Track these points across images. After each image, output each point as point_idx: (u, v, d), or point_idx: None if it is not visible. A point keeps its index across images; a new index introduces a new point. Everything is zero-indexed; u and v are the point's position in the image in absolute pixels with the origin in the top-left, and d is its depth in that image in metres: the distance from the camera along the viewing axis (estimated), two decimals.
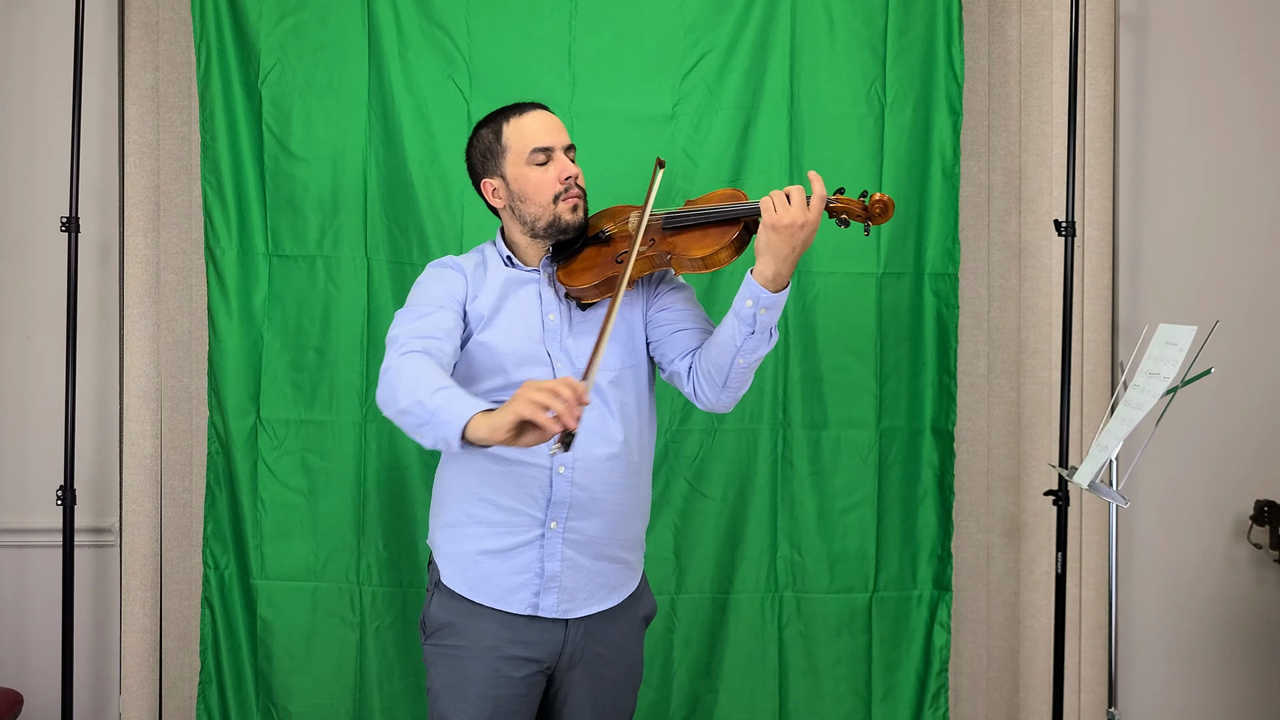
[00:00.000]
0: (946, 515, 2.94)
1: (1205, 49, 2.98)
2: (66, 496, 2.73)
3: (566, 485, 2.01)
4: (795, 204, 1.91)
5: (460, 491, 2.06)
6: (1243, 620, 3.00)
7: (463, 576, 2.04)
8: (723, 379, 2.02)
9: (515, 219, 2.10)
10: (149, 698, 2.84)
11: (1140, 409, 2.16)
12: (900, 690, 2.94)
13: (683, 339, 2.11)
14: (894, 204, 2.00)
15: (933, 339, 2.92)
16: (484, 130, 2.12)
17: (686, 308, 2.15)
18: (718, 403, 2.07)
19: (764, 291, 1.93)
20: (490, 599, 2.02)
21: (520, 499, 2.01)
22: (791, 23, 2.86)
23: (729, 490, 2.91)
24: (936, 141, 2.90)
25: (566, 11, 2.84)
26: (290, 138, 2.82)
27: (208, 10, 2.80)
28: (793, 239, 1.90)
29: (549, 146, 2.07)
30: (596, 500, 2.03)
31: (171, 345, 2.88)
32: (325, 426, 2.85)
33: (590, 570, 2.05)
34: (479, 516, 2.03)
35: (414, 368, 1.87)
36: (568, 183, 2.07)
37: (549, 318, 2.07)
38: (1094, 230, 2.89)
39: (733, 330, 1.97)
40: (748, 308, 1.94)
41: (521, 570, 2.02)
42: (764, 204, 1.94)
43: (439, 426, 1.76)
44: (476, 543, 2.03)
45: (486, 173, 2.10)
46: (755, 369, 2.04)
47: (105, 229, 2.91)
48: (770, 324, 1.96)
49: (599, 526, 2.05)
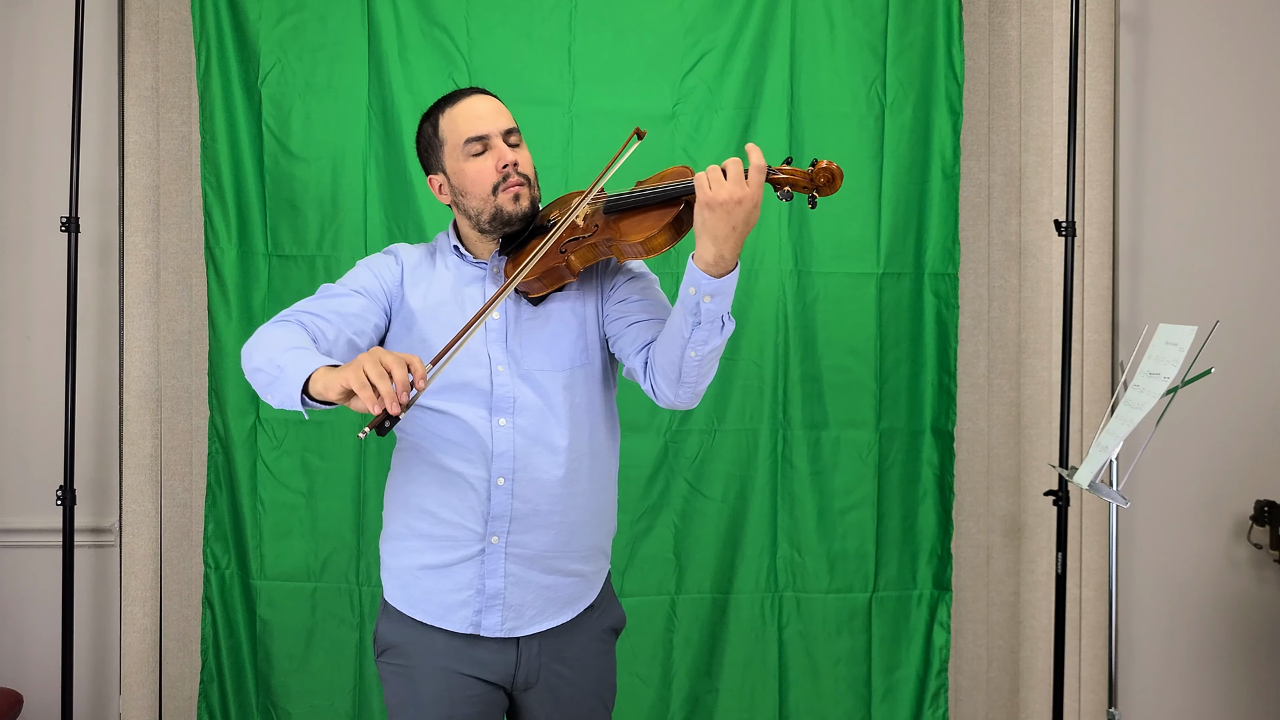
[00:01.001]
0: (946, 515, 2.94)
1: (1205, 49, 2.98)
2: (66, 496, 2.73)
3: (506, 497, 1.88)
4: (732, 178, 1.73)
5: (402, 502, 1.95)
6: (1243, 620, 3.00)
7: (404, 593, 1.94)
8: (676, 373, 1.83)
9: (461, 214, 1.97)
10: (149, 698, 2.84)
11: (1140, 409, 2.16)
12: (900, 690, 2.94)
13: (637, 332, 1.93)
14: (842, 173, 1.81)
15: (933, 339, 2.92)
16: (425, 124, 2.00)
17: (643, 298, 1.97)
18: (676, 399, 1.88)
19: (704, 276, 1.75)
20: (432, 617, 1.91)
21: (459, 511, 1.89)
22: (791, 23, 2.86)
23: (729, 490, 2.91)
24: (936, 141, 2.90)
25: (566, 11, 2.84)
26: (290, 138, 2.82)
27: (207, 10, 2.80)
28: (730, 216, 1.72)
29: (484, 134, 1.91)
30: (540, 513, 1.90)
31: (171, 345, 2.88)
32: (325, 427, 2.85)
33: (539, 585, 1.92)
34: (419, 529, 1.92)
35: (278, 332, 1.77)
36: (505, 171, 1.90)
37: (493, 316, 1.93)
38: (1094, 230, 2.89)
39: (679, 320, 1.79)
40: (690, 295, 1.76)
41: (462, 587, 1.90)
42: (698, 180, 1.75)
43: (284, 383, 1.68)
44: (417, 557, 1.92)
45: (430, 169, 1.99)
46: (714, 361, 1.85)
47: (105, 229, 2.91)
48: (719, 311, 1.77)
49: (546, 540, 1.91)
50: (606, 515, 2.02)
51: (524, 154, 1.95)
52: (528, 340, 1.93)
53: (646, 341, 1.92)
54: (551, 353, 1.92)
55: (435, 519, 1.91)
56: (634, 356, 1.92)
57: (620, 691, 2.87)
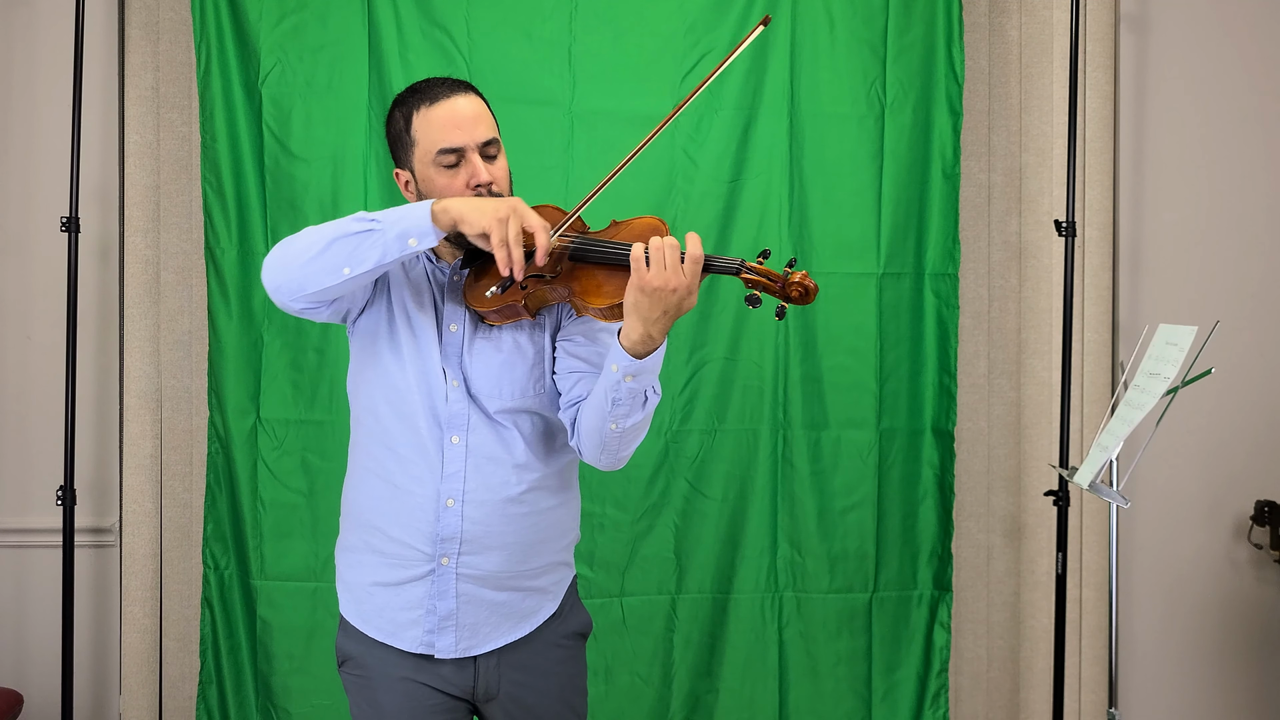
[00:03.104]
0: (946, 515, 2.94)
1: (1205, 49, 2.98)
2: (67, 496, 2.73)
3: (455, 519, 1.78)
4: (669, 264, 1.60)
5: (356, 516, 1.87)
6: (1243, 620, 3.00)
7: (357, 608, 1.87)
8: (598, 441, 1.74)
9: None
10: (149, 698, 2.84)
11: (1140, 409, 2.16)
12: (900, 690, 2.94)
13: (573, 384, 1.81)
14: (816, 290, 1.66)
15: (933, 339, 2.92)
16: (397, 112, 1.82)
17: (590, 343, 1.82)
18: (598, 464, 1.79)
19: (627, 357, 1.64)
20: (384, 634, 1.83)
21: (407, 531, 1.80)
22: (791, 23, 2.86)
23: (729, 490, 2.90)
24: (936, 141, 2.90)
25: (566, 11, 2.84)
26: (290, 138, 2.82)
27: (208, 10, 2.80)
28: (663, 302, 1.61)
29: (458, 147, 1.75)
30: (492, 534, 1.79)
31: (172, 345, 2.88)
32: (325, 426, 2.84)
33: (493, 603, 1.82)
34: (372, 544, 1.84)
35: (318, 226, 1.69)
36: (478, 191, 1.75)
37: (450, 328, 1.81)
38: (1094, 230, 2.89)
39: (600, 395, 1.70)
40: (612, 372, 1.66)
41: (412, 606, 1.81)
42: (634, 256, 1.62)
43: (390, 226, 1.61)
44: (370, 572, 1.84)
45: (398, 162, 1.83)
46: (639, 433, 1.75)
47: (105, 229, 2.91)
48: (641, 389, 1.67)
49: (498, 560, 1.81)
50: (568, 527, 1.92)
51: (501, 167, 1.80)
52: (478, 363, 1.81)
53: (580, 397, 1.80)
54: (501, 383, 1.80)
55: (385, 536, 1.82)
56: (566, 410, 1.81)
57: (620, 691, 2.88)
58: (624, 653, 2.89)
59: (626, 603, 2.88)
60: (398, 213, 1.63)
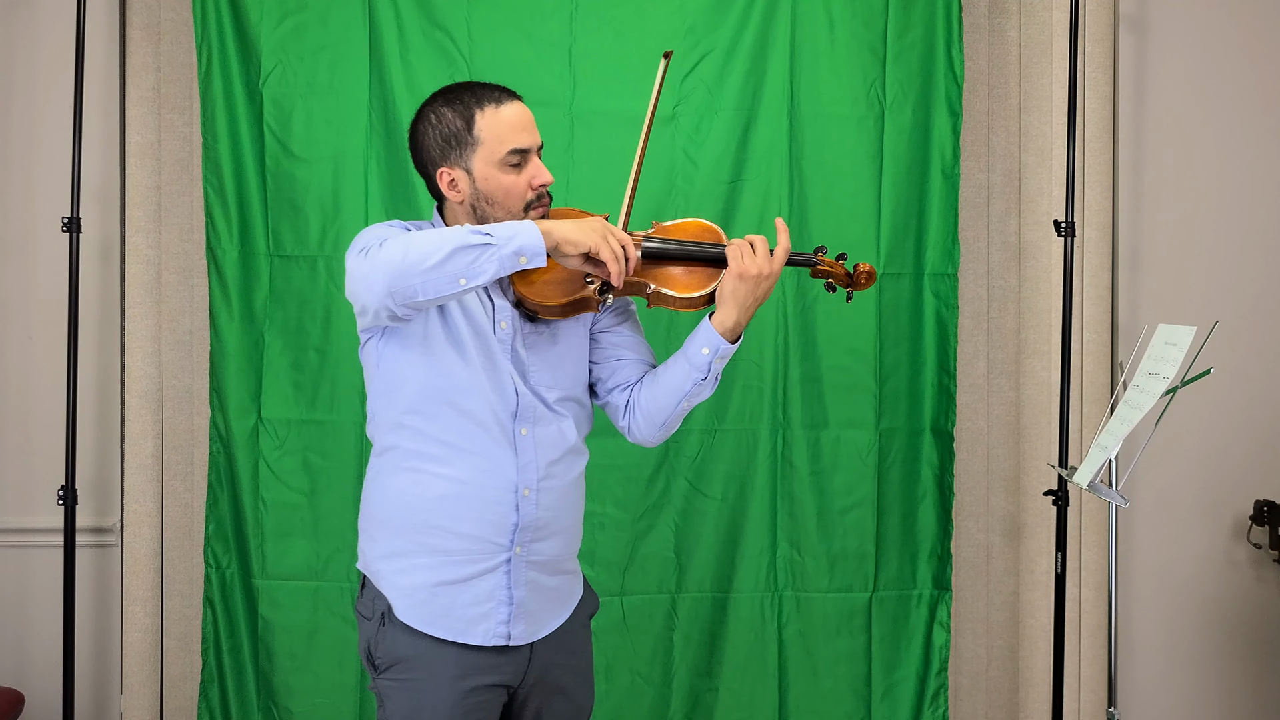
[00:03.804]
0: (946, 515, 2.94)
1: (1205, 49, 2.98)
2: (68, 496, 2.74)
3: (532, 508, 1.89)
4: (760, 254, 1.87)
5: (406, 519, 1.90)
6: (1242, 620, 3.00)
7: (419, 611, 1.88)
8: (662, 419, 1.95)
9: (473, 217, 1.91)
10: (150, 697, 2.85)
11: (1140, 409, 2.16)
12: (900, 690, 2.94)
13: (626, 370, 2.01)
14: (875, 275, 2.02)
15: (932, 339, 2.92)
16: (447, 111, 1.90)
17: (633, 336, 2.04)
18: (651, 440, 2.00)
19: (722, 341, 1.87)
20: (452, 633, 1.87)
21: (479, 525, 1.87)
22: (791, 24, 2.87)
23: (729, 490, 2.91)
24: (936, 142, 2.90)
25: (566, 12, 2.85)
26: (291, 138, 2.83)
27: (209, 11, 2.80)
28: (756, 289, 1.87)
29: (526, 149, 1.88)
30: (558, 519, 1.94)
31: (173, 345, 2.88)
32: (326, 426, 2.85)
33: (549, 587, 1.95)
34: (432, 545, 1.88)
35: (420, 234, 1.74)
36: (540, 191, 1.90)
37: (500, 325, 1.90)
38: (1094, 230, 2.89)
39: (682, 375, 1.91)
40: (703, 355, 1.88)
41: (484, 599, 1.88)
42: (731, 251, 1.88)
43: (505, 243, 1.71)
44: (432, 574, 1.88)
45: (447, 160, 1.89)
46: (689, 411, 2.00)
47: (107, 229, 2.91)
48: (721, 369, 1.92)
49: (557, 546, 1.95)
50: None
51: (552, 176, 1.96)
52: (534, 356, 1.93)
53: (632, 381, 2.00)
54: (558, 373, 1.95)
55: (451, 533, 1.88)
56: (618, 392, 2.00)
57: (620, 690, 2.89)
58: (624, 651, 2.89)
59: (627, 601, 2.89)
60: (508, 229, 1.74)
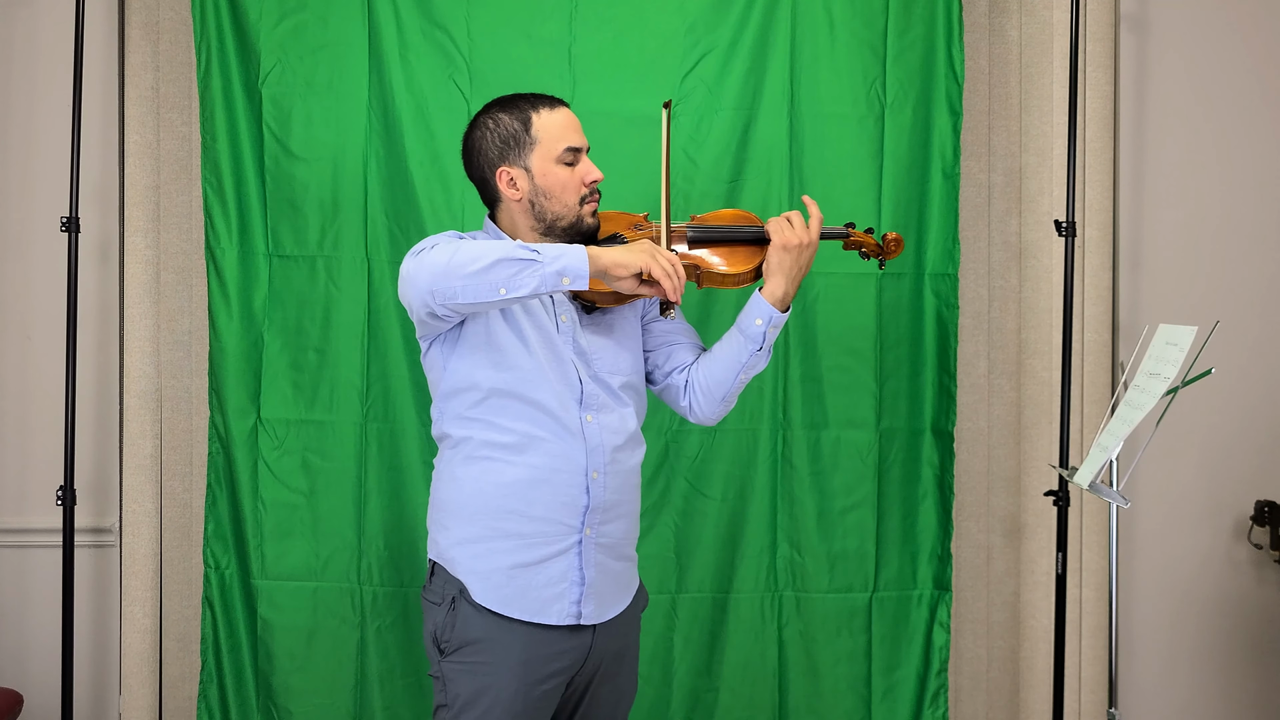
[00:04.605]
0: (946, 515, 2.94)
1: (1205, 49, 2.98)
2: (67, 496, 2.73)
3: (600, 490, 2.03)
4: (798, 226, 2.08)
5: (480, 506, 2.02)
6: (1243, 620, 3.00)
7: (497, 593, 2.00)
8: (722, 393, 2.13)
9: (531, 214, 2.07)
10: (149, 698, 2.84)
11: (1140, 409, 2.16)
12: (900, 690, 2.94)
13: (680, 353, 2.19)
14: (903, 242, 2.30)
15: (933, 339, 2.92)
16: (505, 116, 2.08)
17: (682, 322, 2.24)
18: (712, 416, 2.18)
19: (774, 310, 2.07)
20: (528, 613, 2.00)
21: (552, 508, 2.00)
22: (791, 23, 2.86)
23: (729, 490, 2.90)
24: (936, 142, 2.90)
25: (566, 11, 2.84)
26: (290, 138, 2.82)
27: (208, 10, 2.80)
28: (799, 258, 2.07)
29: (580, 147, 2.08)
30: (622, 502, 2.08)
31: (172, 345, 2.88)
32: (326, 426, 2.85)
33: (614, 572, 2.09)
34: (507, 530, 2.00)
35: (473, 241, 1.90)
36: (592, 186, 2.08)
37: (562, 319, 2.07)
38: (1094, 230, 2.89)
39: (738, 348, 2.09)
40: (757, 326, 2.07)
41: (558, 580, 2.01)
42: (771, 227, 2.08)
43: (551, 262, 1.83)
44: (508, 557, 2.00)
45: (506, 160, 2.07)
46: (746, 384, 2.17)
47: (105, 229, 2.91)
48: (773, 341, 2.10)
49: (622, 529, 2.10)
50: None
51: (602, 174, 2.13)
52: (595, 345, 2.08)
53: (688, 363, 2.18)
54: (619, 360, 2.10)
55: (525, 517, 2.00)
56: (676, 374, 2.18)
57: None
58: None
59: None
60: (556, 249, 1.86)
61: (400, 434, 2.84)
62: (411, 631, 2.86)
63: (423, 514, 2.84)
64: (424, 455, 2.83)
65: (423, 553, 2.84)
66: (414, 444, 2.83)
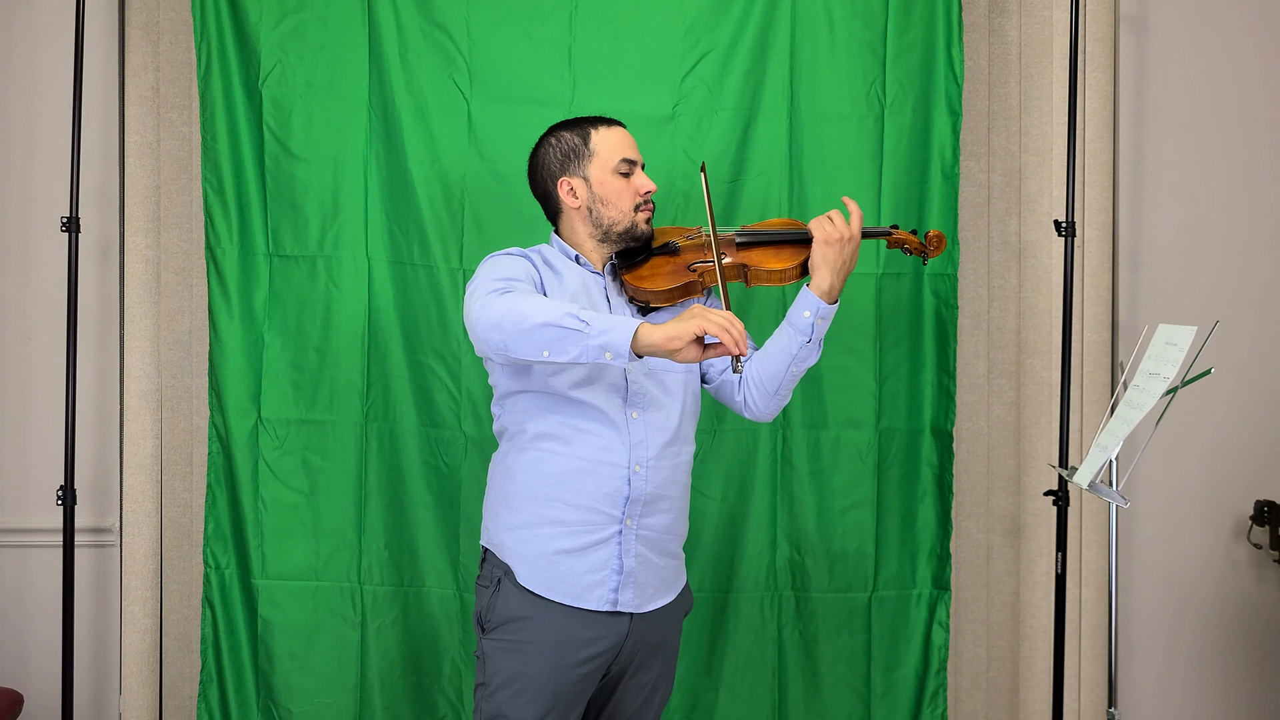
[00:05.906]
0: (946, 515, 2.94)
1: (1205, 49, 2.98)
2: (67, 496, 2.74)
3: (642, 483, 2.13)
4: (838, 222, 2.18)
5: (529, 494, 2.14)
6: (1243, 620, 3.00)
7: (540, 576, 2.11)
8: (775, 387, 2.23)
9: (589, 221, 2.22)
10: (149, 698, 2.85)
11: (1140, 409, 2.16)
12: (899, 689, 2.94)
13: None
14: (946, 240, 2.46)
15: (932, 339, 2.92)
16: (566, 134, 2.25)
17: None
18: (767, 411, 2.28)
19: (822, 303, 2.16)
20: (569, 597, 2.10)
21: (596, 498, 2.11)
22: (791, 23, 2.86)
23: (729, 490, 2.91)
24: (936, 142, 2.90)
25: (566, 12, 2.84)
26: (291, 138, 2.82)
27: (208, 11, 2.80)
28: (843, 252, 2.17)
29: (634, 160, 2.24)
30: (664, 497, 2.17)
31: (172, 345, 2.88)
32: (326, 426, 2.85)
33: (657, 566, 2.18)
34: (552, 517, 2.12)
35: (533, 297, 1.99)
36: (646, 195, 2.23)
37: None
38: (1094, 230, 2.89)
39: (788, 340, 2.20)
40: (805, 318, 2.17)
41: (599, 567, 2.11)
42: (813, 225, 2.20)
43: (595, 335, 1.89)
44: (552, 543, 2.12)
45: (566, 172, 2.23)
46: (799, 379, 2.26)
47: (106, 229, 2.91)
48: (822, 334, 2.19)
49: (665, 522, 2.18)
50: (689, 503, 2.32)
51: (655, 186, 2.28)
52: None
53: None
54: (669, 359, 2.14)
55: (571, 506, 2.12)
56: (720, 376, 2.31)
57: None
58: None
59: None
60: (606, 322, 1.92)
61: (400, 434, 2.84)
62: (411, 631, 2.87)
63: (422, 513, 2.85)
64: (424, 455, 2.84)
65: (423, 552, 2.85)
66: (414, 444, 2.84)
